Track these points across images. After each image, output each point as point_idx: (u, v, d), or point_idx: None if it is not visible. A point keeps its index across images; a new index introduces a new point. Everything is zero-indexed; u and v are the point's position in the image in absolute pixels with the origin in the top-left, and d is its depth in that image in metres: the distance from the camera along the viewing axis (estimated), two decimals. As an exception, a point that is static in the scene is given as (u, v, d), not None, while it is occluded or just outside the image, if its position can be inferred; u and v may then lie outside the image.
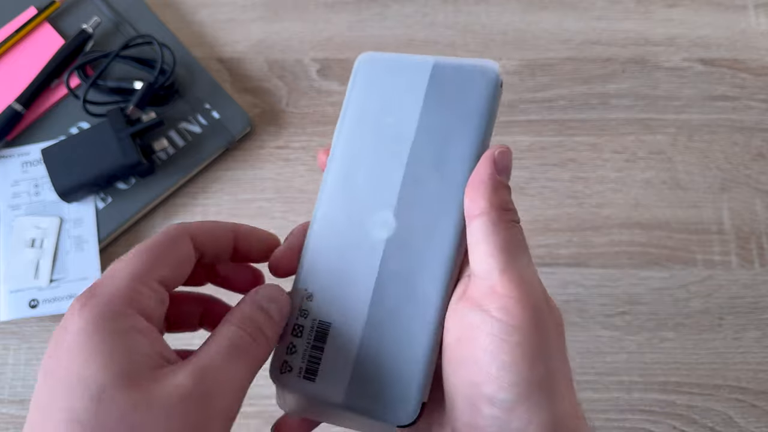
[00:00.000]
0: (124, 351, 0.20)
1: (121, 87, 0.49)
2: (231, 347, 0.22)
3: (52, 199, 0.48)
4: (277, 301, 0.25)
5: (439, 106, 0.27)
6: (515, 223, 0.23)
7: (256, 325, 0.23)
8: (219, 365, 0.21)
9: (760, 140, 0.50)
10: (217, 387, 0.21)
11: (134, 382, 0.20)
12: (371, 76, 0.28)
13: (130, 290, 0.22)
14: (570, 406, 0.22)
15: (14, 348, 0.46)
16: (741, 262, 0.47)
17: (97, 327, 0.20)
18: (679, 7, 0.54)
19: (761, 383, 0.44)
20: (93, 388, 0.19)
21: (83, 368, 0.20)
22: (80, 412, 0.19)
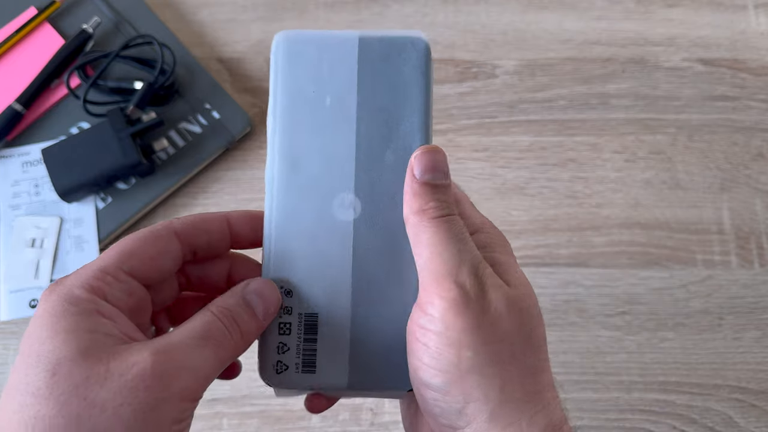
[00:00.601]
0: (84, 329, 0.21)
1: (121, 87, 0.49)
2: (201, 333, 0.22)
3: (53, 199, 0.48)
4: (264, 299, 0.25)
5: (375, 82, 0.27)
6: (440, 218, 0.24)
7: (234, 318, 0.24)
8: (183, 348, 0.22)
9: (759, 140, 0.50)
10: (176, 369, 0.21)
11: (91, 356, 0.20)
12: (295, 56, 0.27)
13: (95, 279, 0.22)
14: (522, 391, 0.22)
15: (14, 348, 0.46)
16: (741, 262, 0.47)
17: (61, 309, 0.21)
18: (679, 7, 0.54)
19: (761, 383, 0.44)
20: (50, 362, 0.20)
21: (43, 345, 0.20)
22: (36, 385, 0.20)
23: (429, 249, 0.23)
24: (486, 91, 0.52)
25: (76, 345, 0.20)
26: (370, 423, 0.44)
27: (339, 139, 0.26)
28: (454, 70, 0.52)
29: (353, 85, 0.27)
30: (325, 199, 0.26)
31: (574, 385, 0.45)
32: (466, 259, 0.23)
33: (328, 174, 0.26)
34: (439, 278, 0.23)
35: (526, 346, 0.23)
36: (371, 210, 0.26)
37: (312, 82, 0.27)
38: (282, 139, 0.27)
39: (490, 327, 0.22)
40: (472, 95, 0.52)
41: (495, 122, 0.51)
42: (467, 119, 0.51)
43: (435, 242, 0.23)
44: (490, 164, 0.50)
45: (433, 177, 0.25)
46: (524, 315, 0.23)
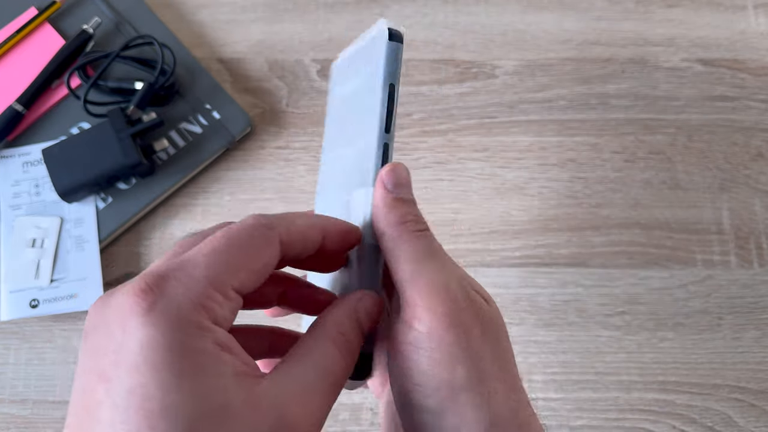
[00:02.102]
0: (210, 374, 0.17)
1: (121, 87, 0.49)
2: (327, 374, 0.21)
3: (53, 199, 0.48)
4: (371, 318, 0.23)
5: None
6: (418, 233, 0.23)
7: (352, 348, 0.22)
8: (314, 393, 0.20)
9: (759, 140, 0.50)
10: (310, 417, 0.19)
11: (228, 413, 0.17)
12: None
13: (206, 297, 0.18)
14: (507, 407, 0.22)
15: (15, 348, 0.46)
16: (740, 262, 0.47)
17: (173, 341, 0.17)
18: (679, 8, 0.54)
19: (760, 383, 0.44)
20: (184, 420, 0.17)
21: (165, 394, 0.17)
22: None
23: (413, 263, 0.23)
24: (486, 92, 0.52)
25: (211, 398, 0.17)
26: (370, 423, 0.44)
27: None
28: (454, 70, 0.52)
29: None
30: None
31: (574, 385, 0.45)
32: (454, 274, 0.23)
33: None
34: (428, 293, 0.22)
35: (504, 362, 0.22)
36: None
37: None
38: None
39: (478, 342, 0.22)
40: (472, 95, 0.52)
41: (495, 122, 0.51)
42: (467, 119, 0.51)
43: (419, 256, 0.23)
44: (490, 164, 0.50)
45: (404, 193, 0.24)
46: (500, 331, 0.23)
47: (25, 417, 0.44)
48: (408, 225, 0.23)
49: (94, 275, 0.46)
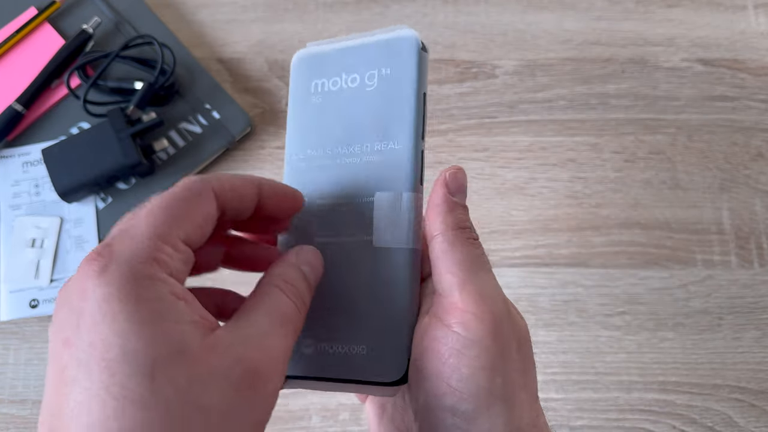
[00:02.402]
0: (170, 320, 0.18)
1: (121, 87, 0.49)
2: (281, 318, 0.21)
3: (53, 199, 0.48)
4: (314, 268, 0.24)
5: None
6: (473, 240, 0.24)
7: (300, 293, 0.23)
8: (272, 339, 0.21)
9: (759, 140, 0.50)
10: (273, 363, 0.20)
11: (188, 354, 0.18)
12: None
13: (154, 249, 0.19)
14: (529, 416, 0.23)
15: (14, 348, 0.46)
16: (740, 262, 0.47)
17: (128, 293, 0.18)
18: (679, 8, 0.54)
19: (760, 383, 0.44)
20: (144, 364, 0.17)
21: (125, 341, 0.17)
22: (137, 392, 0.17)
23: (465, 271, 0.23)
24: (486, 91, 0.52)
25: (169, 342, 0.18)
26: (370, 423, 0.44)
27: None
28: (454, 70, 0.52)
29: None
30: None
31: (574, 385, 0.45)
32: (498, 287, 0.23)
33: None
34: (479, 301, 0.22)
35: (530, 373, 0.24)
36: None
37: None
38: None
39: (514, 355, 0.23)
40: (472, 95, 0.52)
41: (495, 122, 0.51)
42: (467, 119, 0.51)
43: (471, 265, 0.23)
44: (490, 164, 0.50)
45: (462, 199, 0.25)
46: (529, 345, 0.24)
47: (24, 417, 0.44)
48: (465, 231, 0.24)
49: (93, 275, 0.46)
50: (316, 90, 0.28)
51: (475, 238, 0.24)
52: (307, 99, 0.29)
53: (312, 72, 0.29)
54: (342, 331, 0.26)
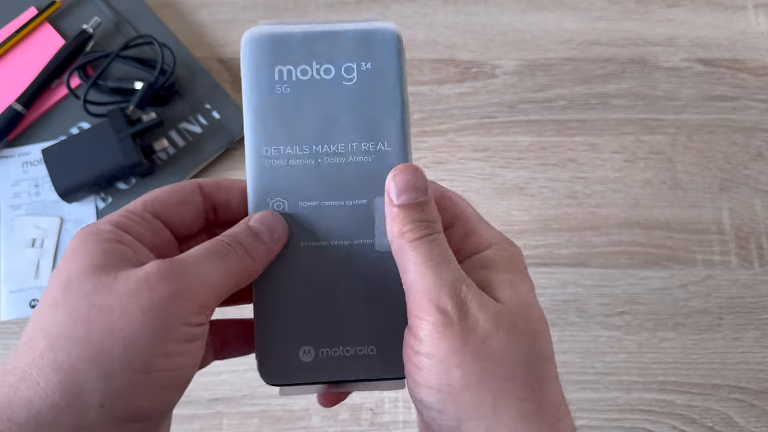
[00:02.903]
0: (100, 250, 0.22)
1: (121, 87, 0.49)
2: (205, 250, 0.23)
3: (53, 198, 0.48)
4: (269, 226, 0.25)
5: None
6: (419, 240, 0.24)
7: (240, 241, 0.24)
8: (188, 258, 0.23)
9: (759, 140, 0.50)
10: (180, 272, 0.22)
11: (101, 269, 0.22)
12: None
13: (120, 216, 0.24)
14: (509, 407, 0.22)
15: (15, 348, 0.46)
16: (740, 262, 0.47)
17: (82, 239, 0.23)
18: (679, 8, 0.54)
19: (760, 383, 0.44)
20: (64, 277, 0.22)
21: (63, 266, 0.22)
22: (52, 297, 0.22)
23: (411, 272, 0.23)
24: (486, 91, 0.52)
25: (90, 261, 0.22)
26: (370, 423, 0.44)
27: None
28: (454, 70, 0.52)
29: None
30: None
31: (574, 385, 0.45)
32: (446, 281, 0.23)
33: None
34: (421, 302, 0.23)
35: (525, 364, 0.23)
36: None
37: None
38: None
39: (478, 345, 0.22)
40: (472, 95, 0.52)
41: (495, 122, 0.51)
42: (467, 119, 0.51)
43: (415, 265, 0.23)
44: (490, 164, 0.50)
45: (408, 198, 0.24)
46: (517, 331, 0.23)
47: (24, 417, 0.44)
48: (407, 234, 0.24)
49: (93, 275, 0.46)
50: (281, 78, 0.26)
51: (421, 236, 0.24)
52: (270, 87, 0.26)
53: (273, 56, 0.26)
54: (347, 333, 0.26)
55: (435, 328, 0.22)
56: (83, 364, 0.20)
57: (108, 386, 0.21)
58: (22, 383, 0.21)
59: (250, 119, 0.26)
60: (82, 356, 0.20)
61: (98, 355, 0.21)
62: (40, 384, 0.20)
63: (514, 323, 0.23)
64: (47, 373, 0.20)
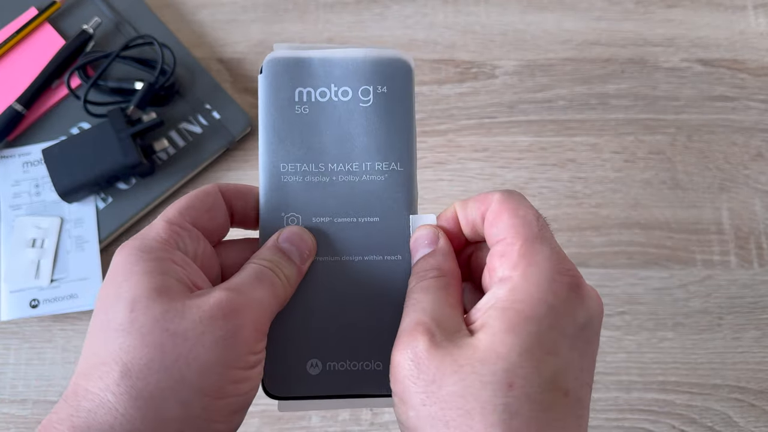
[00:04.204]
0: (157, 272, 0.22)
1: (121, 87, 0.49)
2: (255, 276, 0.24)
3: (53, 199, 0.48)
4: (297, 245, 0.26)
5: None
6: (414, 286, 0.25)
7: (275, 263, 0.25)
8: (246, 286, 0.23)
9: (759, 140, 0.50)
10: (246, 301, 0.23)
11: (166, 294, 0.22)
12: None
13: (164, 231, 0.24)
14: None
15: (15, 348, 0.46)
16: (740, 262, 0.47)
17: (136, 257, 0.23)
18: (679, 8, 0.54)
19: (760, 383, 0.44)
20: (127, 300, 0.22)
21: (120, 288, 0.22)
22: (118, 321, 0.21)
23: (410, 310, 0.24)
24: (486, 92, 0.52)
25: (151, 284, 0.22)
26: (370, 423, 0.44)
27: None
28: (454, 70, 0.52)
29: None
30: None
31: (573, 384, 0.45)
32: (407, 325, 0.23)
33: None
34: (400, 340, 0.23)
35: (483, 413, 0.20)
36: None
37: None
38: None
39: (429, 387, 0.21)
40: (472, 95, 0.52)
41: (495, 122, 0.51)
42: (467, 119, 0.51)
43: (419, 299, 0.24)
44: (489, 164, 0.50)
45: (416, 257, 0.26)
46: (475, 379, 0.21)
47: (25, 417, 0.44)
48: (420, 276, 0.25)
49: (94, 275, 0.46)
50: (301, 99, 0.27)
51: (412, 286, 0.25)
52: (290, 107, 0.27)
53: (294, 79, 0.28)
54: (354, 348, 0.26)
55: (394, 369, 0.23)
56: (162, 393, 0.21)
57: (185, 413, 0.21)
58: (100, 409, 0.21)
59: (267, 136, 0.27)
60: (161, 384, 0.21)
61: (175, 383, 0.21)
62: (120, 411, 0.20)
63: (478, 368, 0.21)
64: (126, 401, 0.20)
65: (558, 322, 0.22)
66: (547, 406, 0.21)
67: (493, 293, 0.23)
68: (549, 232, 0.25)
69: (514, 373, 0.21)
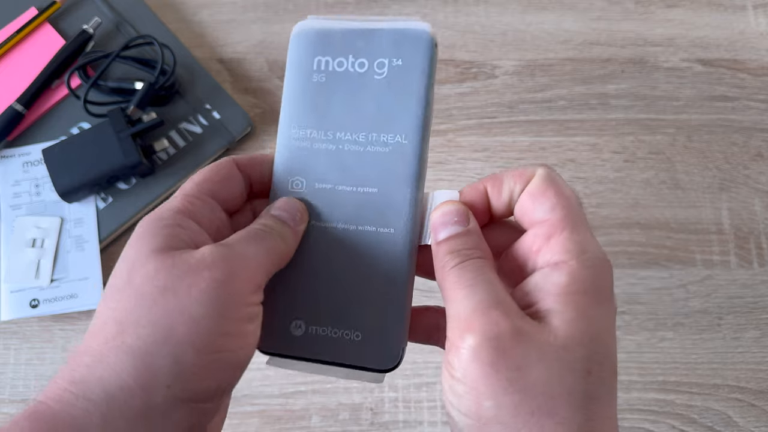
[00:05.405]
0: (159, 236, 0.23)
1: (121, 87, 0.49)
2: (246, 233, 0.25)
3: (53, 199, 0.48)
4: (289, 211, 0.26)
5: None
6: (455, 267, 0.24)
7: (269, 225, 0.26)
8: (236, 242, 0.24)
9: (759, 140, 0.50)
10: (234, 256, 0.23)
11: (162, 253, 0.23)
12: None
13: (180, 202, 0.25)
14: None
15: (15, 348, 0.46)
16: (740, 262, 0.47)
17: (146, 225, 0.24)
18: (679, 8, 0.54)
19: (760, 383, 0.44)
20: (128, 262, 0.23)
21: (127, 251, 0.24)
22: (118, 282, 0.23)
23: (446, 299, 0.23)
24: (486, 92, 0.52)
25: (150, 246, 0.23)
26: (370, 423, 0.44)
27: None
28: (454, 70, 0.52)
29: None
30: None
31: (573, 384, 0.45)
32: (478, 305, 0.22)
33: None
34: (455, 327, 0.22)
35: (571, 401, 0.21)
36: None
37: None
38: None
39: (512, 374, 0.21)
40: (471, 95, 0.52)
41: (495, 122, 0.51)
42: (467, 119, 0.51)
43: (448, 291, 0.23)
44: (489, 164, 0.50)
45: (447, 232, 0.25)
46: (565, 365, 0.21)
47: (25, 417, 0.44)
48: (446, 266, 0.24)
49: (94, 275, 0.46)
50: (319, 68, 0.28)
51: (458, 262, 0.24)
52: (308, 75, 0.28)
53: (315, 47, 0.28)
54: (337, 315, 0.26)
55: (464, 354, 0.21)
56: (152, 347, 0.21)
57: (175, 368, 0.21)
58: (97, 363, 0.22)
59: (285, 102, 0.28)
60: (150, 339, 0.21)
61: (165, 338, 0.21)
62: (112, 365, 0.21)
63: (562, 355, 0.21)
64: (119, 355, 0.21)
65: (611, 307, 0.23)
66: (612, 388, 0.22)
67: (547, 277, 0.23)
68: (585, 214, 0.25)
69: (592, 359, 0.21)
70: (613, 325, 0.23)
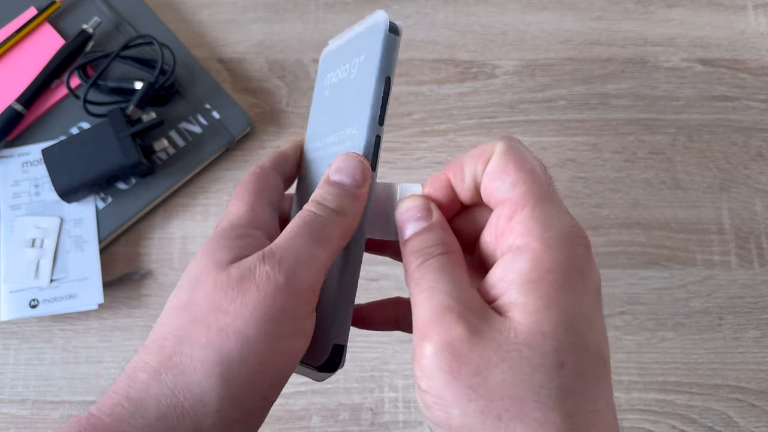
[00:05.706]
0: (224, 249, 0.23)
1: (121, 87, 0.49)
2: (297, 228, 0.24)
3: (53, 199, 0.48)
4: (346, 172, 0.24)
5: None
6: (416, 269, 0.23)
7: (321, 201, 0.24)
8: (285, 246, 0.23)
9: (759, 140, 0.50)
10: (283, 266, 0.22)
11: (218, 268, 0.23)
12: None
13: (248, 212, 0.25)
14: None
15: (14, 348, 0.46)
16: (740, 262, 0.47)
17: (215, 239, 0.24)
18: (679, 8, 0.54)
19: (760, 383, 0.44)
20: (192, 278, 0.23)
21: (192, 267, 0.24)
22: (181, 299, 0.23)
23: (412, 303, 0.22)
24: (486, 92, 0.52)
25: (214, 261, 0.23)
26: (370, 423, 0.44)
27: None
28: (454, 70, 0.52)
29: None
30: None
31: (573, 384, 0.45)
32: (434, 310, 0.21)
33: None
34: (416, 335, 0.21)
35: (543, 400, 0.19)
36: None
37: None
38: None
39: (473, 380, 0.19)
40: (472, 95, 0.52)
41: (495, 122, 0.51)
42: (467, 119, 0.51)
43: (413, 295, 0.22)
44: (489, 164, 0.50)
45: (411, 229, 0.24)
46: (530, 362, 0.19)
47: (24, 417, 0.44)
48: (408, 268, 0.23)
49: (93, 275, 0.46)
50: (328, 83, 0.29)
51: (418, 264, 0.23)
52: (321, 92, 0.30)
53: (327, 67, 0.30)
54: None
55: (425, 364, 0.20)
56: (207, 368, 0.21)
57: (226, 390, 0.21)
58: (153, 382, 0.22)
59: (309, 120, 0.30)
60: (205, 360, 0.21)
61: (219, 359, 0.21)
62: (168, 385, 0.21)
63: (526, 352, 0.19)
64: (175, 376, 0.21)
65: (588, 288, 0.21)
66: (596, 378, 0.20)
67: (509, 265, 0.21)
68: (554, 185, 0.22)
69: (564, 351, 0.19)
70: (593, 308, 0.21)
